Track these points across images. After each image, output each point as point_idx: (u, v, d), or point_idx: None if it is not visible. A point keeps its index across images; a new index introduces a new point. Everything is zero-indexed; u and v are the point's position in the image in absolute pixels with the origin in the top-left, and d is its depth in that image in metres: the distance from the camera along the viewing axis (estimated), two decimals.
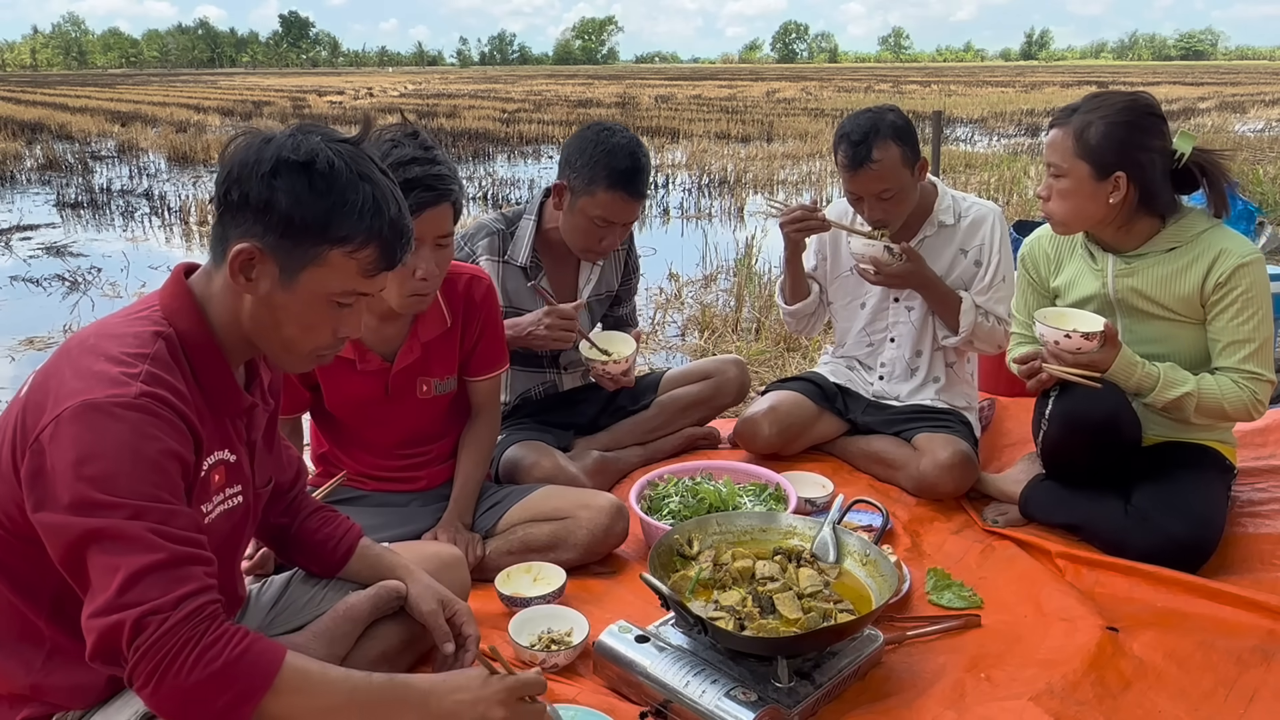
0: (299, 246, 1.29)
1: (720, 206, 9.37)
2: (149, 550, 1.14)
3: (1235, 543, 2.27)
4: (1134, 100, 2.13)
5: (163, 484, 1.19)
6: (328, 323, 1.36)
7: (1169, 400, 2.16)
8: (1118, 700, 1.75)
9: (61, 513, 1.16)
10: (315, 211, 1.28)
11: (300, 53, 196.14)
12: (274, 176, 1.27)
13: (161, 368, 1.25)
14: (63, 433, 1.17)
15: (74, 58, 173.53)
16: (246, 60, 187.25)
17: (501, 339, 2.31)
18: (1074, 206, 2.16)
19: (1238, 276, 2.10)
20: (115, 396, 1.19)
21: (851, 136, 2.48)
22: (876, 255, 2.57)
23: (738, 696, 1.63)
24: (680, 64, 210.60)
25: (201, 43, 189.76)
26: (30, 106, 24.92)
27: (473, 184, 10.58)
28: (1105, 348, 2.13)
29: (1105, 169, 2.09)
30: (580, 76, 59.51)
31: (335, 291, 1.33)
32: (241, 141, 1.32)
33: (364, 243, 1.30)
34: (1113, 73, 58.07)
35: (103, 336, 1.28)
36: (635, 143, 2.47)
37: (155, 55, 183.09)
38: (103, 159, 13.65)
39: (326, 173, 1.28)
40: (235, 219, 1.30)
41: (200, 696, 1.15)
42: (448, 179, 1.94)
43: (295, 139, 1.29)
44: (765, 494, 2.43)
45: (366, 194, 1.30)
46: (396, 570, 1.71)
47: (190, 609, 1.15)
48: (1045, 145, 2.20)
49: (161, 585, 1.14)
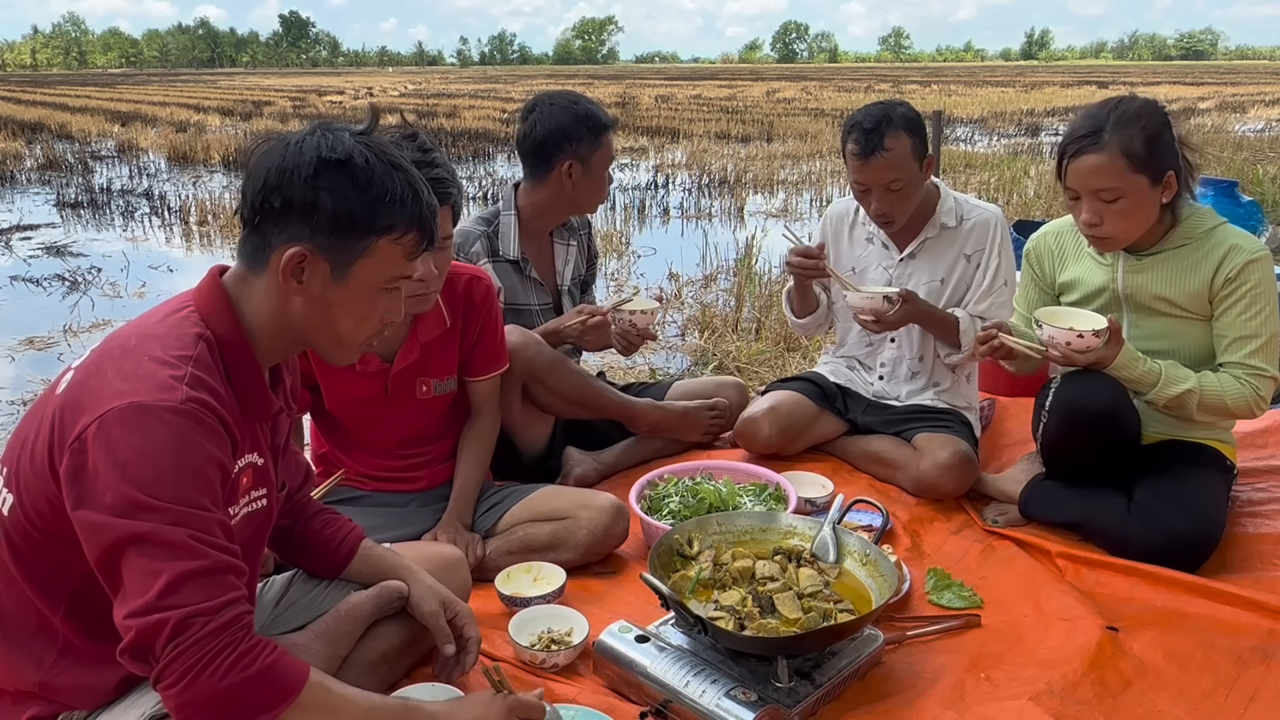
0: (348, 242, 1.32)
1: (720, 206, 9.37)
2: (192, 556, 1.17)
3: (1235, 542, 2.27)
4: (1145, 103, 2.13)
5: (205, 491, 1.21)
6: (377, 310, 1.40)
7: (1170, 397, 2.17)
8: (1118, 700, 1.75)
9: (104, 512, 1.17)
10: (361, 206, 1.31)
11: (300, 52, 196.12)
12: (317, 178, 1.29)
13: (204, 370, 1.27)
14: (109, 433, 1.18)
15: (74, 58, 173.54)
16: (246, 60, 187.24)
17: (501, 339, 2.32)
18: (1136, 220, 2.13)
19: (1247, 272, 2.11)
20: (163, 400, 1.20)
21: (864, 124, 2.47)
22: (876, 307, 2.55)
23: (738, 696, 1.63)
24: (680, 64, 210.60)
25: (201, 43, 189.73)
26: (30, 106, 24.92)
27: (473, 184, 10.58)
28: (1110, 344, 2.14)
29: (1159, 173, 2.08)
30: (580, 76, 59.46)
31: (385, 279, 1.37)
32: (267, 148, 1.33)
33: (407, 228, 1.35)
34: (1113, 73, 58.08)
35: (144, 337, 1.29)
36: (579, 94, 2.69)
37: (155, 55, 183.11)
38: (103, 159, 13.65)
39: (365, 167, 1.31)
40: (278, 224, 1.31)
41: (229, 700, 1.17)
42: (447, 181, 1.96)
43: (328, 138, 1.31)
44: (765, 494, 2.43)
45: (402, 182, 1.34)
46: (399, 571, 1.71)
47: (230, 616, 1.18)
48: (1081, 173, 2.10)
49: (204, 590, 1.17)
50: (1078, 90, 31.39)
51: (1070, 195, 2.17)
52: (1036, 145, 13.92)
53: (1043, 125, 17.96)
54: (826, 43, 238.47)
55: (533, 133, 2.60)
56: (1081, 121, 2.14)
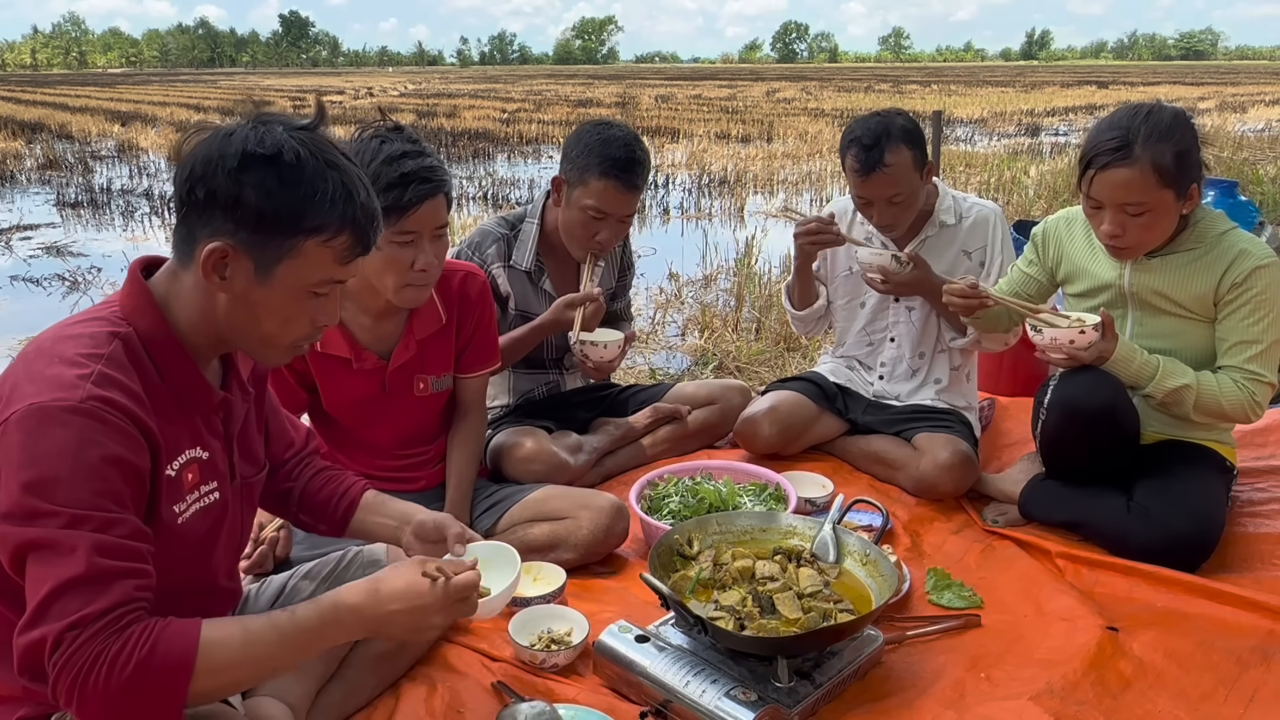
0: (273, 240, 1.26)
1: (720, 206, 9.36)
2: (78, 563, 1.11)
3: (1235, 543, 2.27)
4: (1176, 115, 2.09)
5: (104, 491, 1.15)
6: (306, 313, 1.34)
7: (1168, 391, 2.17)
8: (1118, 700, 1.75)
9: (3, 521, 1.13)
10: (287, 204, 1.25)
11: (300, 52, 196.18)
12: (241, 171, 1.23)
13: (115, 369, 1.22)
14: (9, 438, 1.15)
15: (74, 58, 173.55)
16: (246, 60, 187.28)
17: (495, 336, 2.33)
18: (1158, 232, 2.13)
19: (1254, 278, 2.11)
20: (61, 400, 1.15)
21: (863, 140, 2.46)
22: (884, 265, 2.56)
23: (738, 696, 1.63)
24: (680, 64, 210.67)
25: (201, 42, 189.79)
26: (30, 106, 24.92)
27: (473, 184, 10.58)
28: (1105, 337, 2.15)
29: (1185, 187, 2.08)
30: (580, 76, 59.51)
31: (313, 282, 1.31)
32: (201, 137, 1.28)
33: (338, 230, 1.28)
34: (1113, 73, 58.10)
35: (59, 339, 1.25)
36: (632, 136, 2.47)
37: (155, 55, 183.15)
38: (103, 159, 13.64)
39: (294, 163, 1.25)
40: (202, 217, 1.26)
41: (125, 701, 1.12)
42: (440, 170, 1.97)
43: (258, 131, 1.26)
44: (765, 494, 2.43)
45: (336, 181, 1.27)
46: (409, 512, 1.64)
47: (105, 622, 1.12)
48: (1108, 186, 2.07)
49: (83, 598, 1.11)
50: (1078, 90, 31.41)
51: (1092, 204, 2.14)
52: (1036, 145, 13.91)
53: (1043, 125, 17.97)
54: (826, 43, 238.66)
55: (565, 141, 2.55)
56: (1109, 131, 2.07)
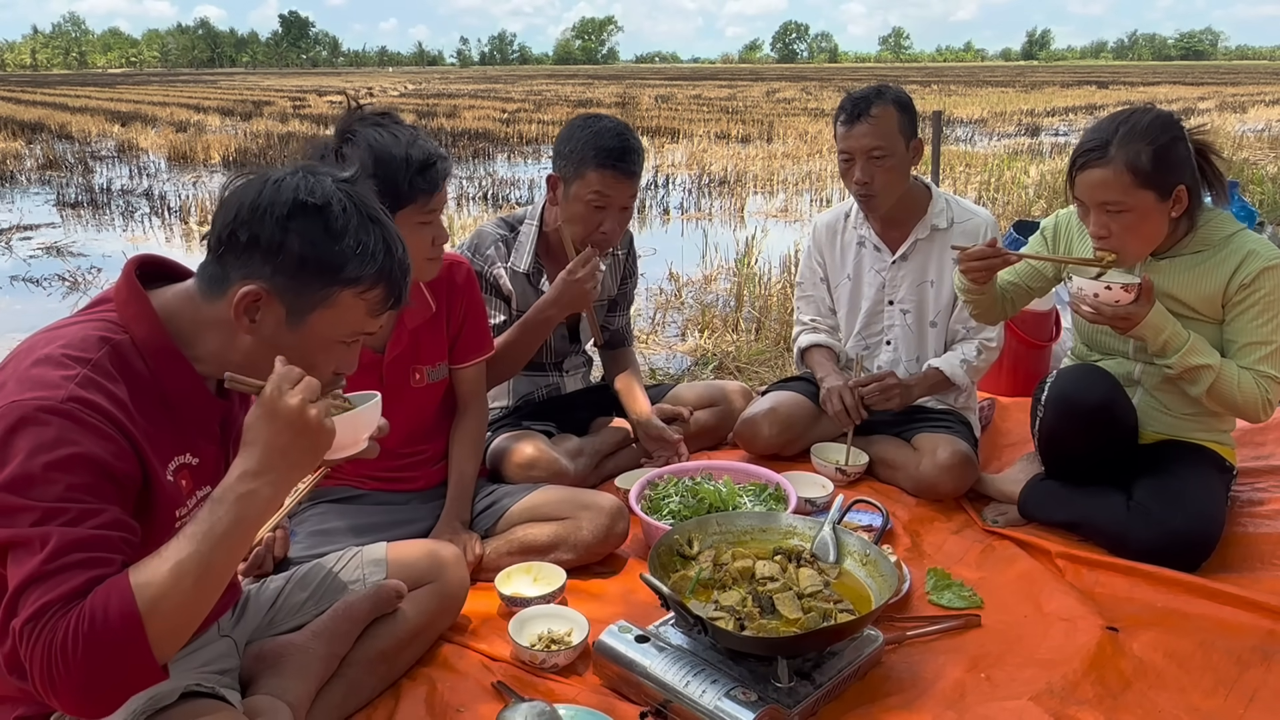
0: (309, 288, 1.28)
1: (720, 206, 9.36)
2: (37, 560, 1.11)
3: (1235, 543, 2.27)
4: (1157, 116, 2.10)
5: (78, 485, 1.15)
6: (329, 362, 1.36)
7: (1190, 366, 2.13)
8: (1118, 700, 1.75)
9: None
10: (330, 254, 1.27)
11: (300, 53, 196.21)
12: (289, 219, 1.26)
13: (101, 374, 1.22)
14: None
15: (74, 58, 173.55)
16: (246, 60, 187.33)
17: (486, 323, 2.34)
18: (1144, 235, 2.12)
19: (1263, 279, 2.11)
20: (41, 399, 1.16)
21: (854, 95, 2.55)
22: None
23: (738, 696, 1.63)
24: (680, 64, 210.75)
25: (201, 43, 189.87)
26: (30, 106, 24.92)
27: (473, 184, 10.58)
28: (1140, 301, 2.10)
29: (1167, 188, 2.07)
30: (580, 76, 59.52)
31: (343, 333, 1.34)
32: (246, 183, 1.30)
33: (374, 283, 1.31)
34: (1113, 73, 58.10)
35: (51, 339, 1.26)
36: (623, 125, 2.48)
37: (155, 55, 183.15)
38: (103, 159, 13.64)
39: (340, 215, 1.28)
40: (240, 259, 1.28)
41: (93, 683, 1.12)
42: (439, 148, 2.02)
43: (308, 181, 1.28)
44: (765, 494, 2.43)
45: (377, 236, 1.31)
46: None
47: (55, 612, 1.11)
48: (1086, 186, 2.09)
49: (38, 592, 1.11)
50: (1078, 90, 31.39)
51: (1079, 206, 2.17)
52: (1036, 145, 13.91)
53: (1043, 125, 17.96)
54: (826, 43, 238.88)
55: (556, 139, 2.54)
56: (1091, 133, 2.11)
